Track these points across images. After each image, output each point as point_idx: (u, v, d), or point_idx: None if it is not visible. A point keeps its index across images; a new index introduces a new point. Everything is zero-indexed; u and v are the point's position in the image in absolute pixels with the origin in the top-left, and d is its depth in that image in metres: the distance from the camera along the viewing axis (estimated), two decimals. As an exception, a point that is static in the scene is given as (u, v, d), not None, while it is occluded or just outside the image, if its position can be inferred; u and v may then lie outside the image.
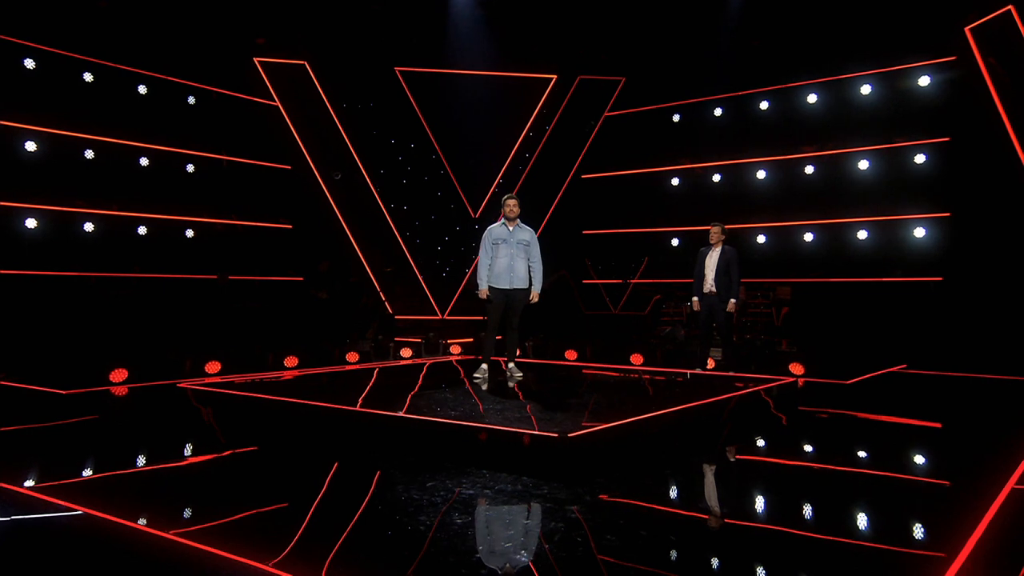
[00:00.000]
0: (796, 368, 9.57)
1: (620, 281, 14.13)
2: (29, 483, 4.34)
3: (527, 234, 7.55)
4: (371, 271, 14.45)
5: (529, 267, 7.52)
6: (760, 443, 6.02)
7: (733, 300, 8.62)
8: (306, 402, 6.09)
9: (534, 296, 7.49)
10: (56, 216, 10.74)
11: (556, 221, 15.22)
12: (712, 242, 8.86)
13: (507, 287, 7.42)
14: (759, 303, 12.73)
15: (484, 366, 7.68)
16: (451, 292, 14.46)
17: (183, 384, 6.90)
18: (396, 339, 13.31)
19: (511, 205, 7.48)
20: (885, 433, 6.66)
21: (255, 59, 14.09)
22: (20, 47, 10.65)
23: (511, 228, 7.48)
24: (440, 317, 14.40)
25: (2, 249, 10.12)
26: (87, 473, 4.85)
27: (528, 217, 14.94)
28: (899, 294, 11.82)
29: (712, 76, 13.99)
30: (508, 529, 3.76)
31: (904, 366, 10.72)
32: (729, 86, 13.85)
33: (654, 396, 6.94)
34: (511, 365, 7.64)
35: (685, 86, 14.39)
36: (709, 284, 8.76)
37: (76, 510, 3.72)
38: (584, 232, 15.22)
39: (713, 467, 5.29)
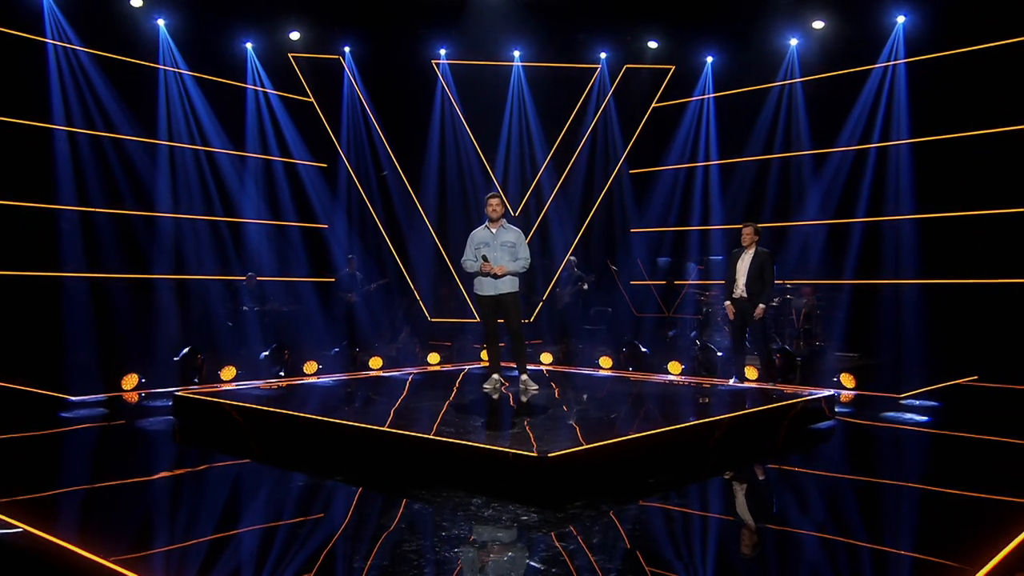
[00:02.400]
0: (847, 379, 9.17)
1: (665, 283, 13.85)
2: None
3: (512, 235, 7.36)
4: (407, 272, 14.54)
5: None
6: (766, 466, 5.78)
7: (762, 305, 8.34)
8: (291, 413, 6.12)
9: (501, 269, 7.15)
10: (85, 217, 11.09)
11: (602, 219, 15.02)
12: (744, 244, 8.57)
13: (493, 293, 7.30)
14: (812, 305, 12.27)
15: (494, 376, 7.62)
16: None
17: (181, 392, 7.02)
18: (430, 342, 13.38)
19: (493, 204, 7.26)
20: (898, 452, 6.33)
21: (290, 55, 14.32)
22: (42, 45, 11.06)
23: (494, 230, 7.32)
24: (478, 320, 14.37)
25: (35, 250, 10.52)
26: (56, 487, 4.97)
27: (571, 214, 14.99)
28: (979, 297, 11.17)
29: (768, 60, 13.56)
30: (459, 558, 3.68)
31: (975, 378, 10.15)
32: (787, 71, 13.39)
33: (667, 411, 6.74)
34: (523, 377, 7.54)
35: (739, 73, 13.99)
36: (740, 289, 8.49)
37: (17, 527, 3.80)
38: (632, 230, 14.96)
39: (706, 493, 5.08)
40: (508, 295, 7.34)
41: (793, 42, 13.38)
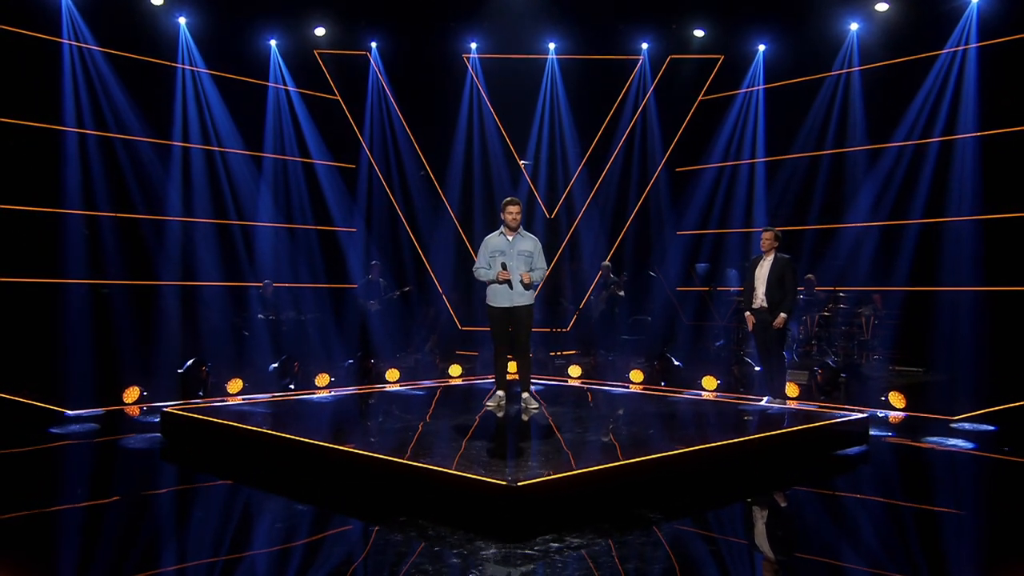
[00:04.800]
0: (896, 399, 8.81)
1: (707, 288, 13.57)
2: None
3: (529, 243, 7.25)
4: (436, 278, 14.57)
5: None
6: (769, 499, 5.55)
7: (783, 315, 8.12)
8: (260, 430, 6.17)
9: (526, 277, 7.02)
10: (92, 222, 11.40)
11: (645, 220, 14.82)
12: (763, 249, 8.36)
13: (508, 305, 7.20)
14: (879, 314, 11.85)
15: (499, 392, 7.55)
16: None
17: (169, 409, 7.13)
18: (457, 352, 13.39)
19: (513, 212, 7.16)
20: (924, 483, 6.01)
21: (315, 52, 14.52)
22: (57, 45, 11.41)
23: (511, 238, 7.21)
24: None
25: (38, 256, 10.84)
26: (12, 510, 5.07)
27: (604, 216, 14.79)
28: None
29: (826, 48, 13.17)
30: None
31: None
32: (845, 59, 12.98)
33: (674, 435, 6.56)
34: (525, 395, 7.46)
35: (793, 62, 13.60)
36: (760, 298, 8.26)
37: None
38: (679, 232, 14.70)
39: (688, 532, 4.89)
40: (523, 308, 7.25)
41: (853, 27, 12.98)
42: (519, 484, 4.52)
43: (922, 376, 11.30)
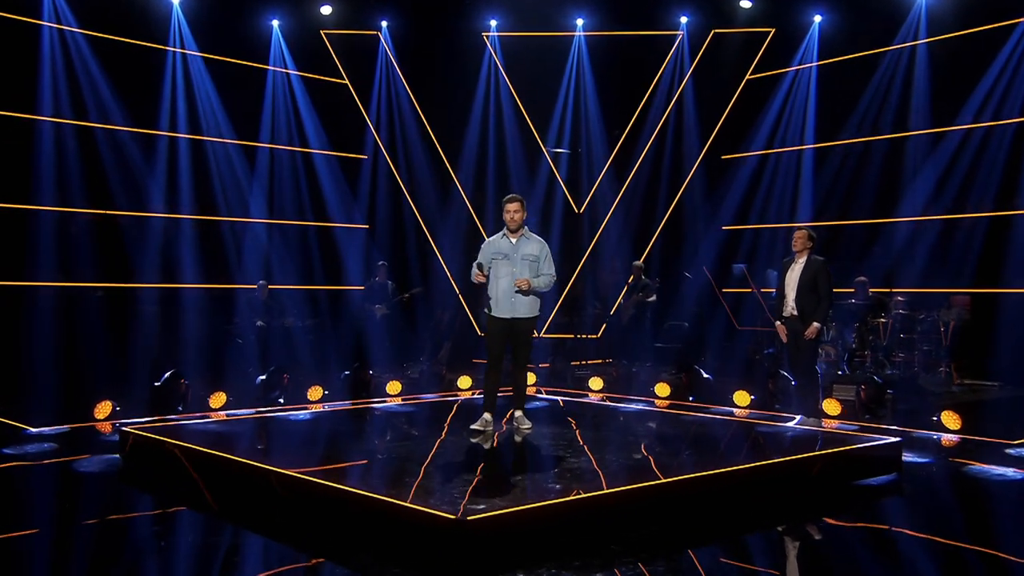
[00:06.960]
0: (949, 419, 8.48)
1: (751, 290, 13.33)
2: None
3: (535, 246, 7.10)
4: (453, 279, 14.56)
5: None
6: (759, 537, 5.36)
7: (816, 324, 7.89)
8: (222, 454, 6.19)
9: (525, 283, 6.85)
10: (79, 219, 11.65)
11: (685, 213, 14.64)
12: (796, 250, 8.13)
13: (509, 316, 7.06)
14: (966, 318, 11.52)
15: (487, 416, 7.28)
16: (548, 306, 14.26)
17: (128, 428, 7.17)
18: (473, 360, 13.34)
19: (512, 210, 7.03)
20: (946, 523, 5.73)
21: (322, 32, 14.63)
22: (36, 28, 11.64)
23: (514, 240, 7.10)
24: (535, 336, 14.25)
25: (5, 256, 11.08)
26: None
27: (650, 207, 14.58)
28: None
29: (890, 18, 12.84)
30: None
31: None
32: (911, 31, 12.64)
33: (669, 461, 6.40)
34: (518, 414, 7.34)
35: (851, 36, 13.29)
36: (790, 306, 8.04)
37: None
38: (723, 228, 14.48)
39: (659, 571, 4.75)
40: (524, 320, 7.09)
41: (923, -8, 12.66)
42: (470, 519, 4.44)
43: (996, 392, 10.96)
